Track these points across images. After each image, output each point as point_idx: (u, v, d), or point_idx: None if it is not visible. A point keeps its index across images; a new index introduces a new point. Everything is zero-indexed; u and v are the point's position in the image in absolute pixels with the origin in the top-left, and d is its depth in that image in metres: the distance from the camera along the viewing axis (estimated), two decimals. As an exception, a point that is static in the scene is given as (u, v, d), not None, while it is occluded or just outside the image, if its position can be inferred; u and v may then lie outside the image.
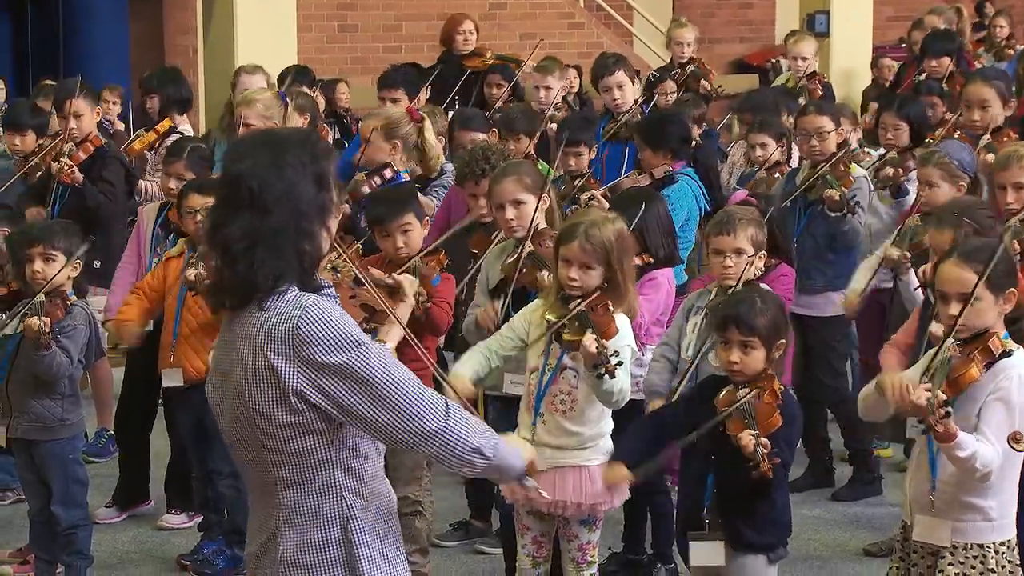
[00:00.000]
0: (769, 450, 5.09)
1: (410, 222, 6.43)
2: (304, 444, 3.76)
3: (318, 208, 3.80)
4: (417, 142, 7.96)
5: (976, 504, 4.97)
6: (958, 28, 13.27)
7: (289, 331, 3.69)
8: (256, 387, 3.73)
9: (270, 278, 3.73)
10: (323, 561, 3.79)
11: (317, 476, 3.78)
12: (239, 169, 3.81)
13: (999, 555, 4.98)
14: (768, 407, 5.22)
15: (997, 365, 4.93)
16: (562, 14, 16.29)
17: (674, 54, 12.01)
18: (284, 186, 3.75)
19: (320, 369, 3.68)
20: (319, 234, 3.81)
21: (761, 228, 6.36)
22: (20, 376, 6.51)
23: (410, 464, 6.30)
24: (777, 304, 5.53)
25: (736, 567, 5.38)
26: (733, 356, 5.32)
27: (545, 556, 5.84)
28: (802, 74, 11.44)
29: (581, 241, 5.56)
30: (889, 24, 17.73)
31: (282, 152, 3.81)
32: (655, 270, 6.63)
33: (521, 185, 6.36)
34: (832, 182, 7.77)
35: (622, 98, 9.59)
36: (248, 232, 3.73)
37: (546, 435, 5.65)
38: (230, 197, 3.80)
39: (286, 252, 3.74)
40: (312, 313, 3.70)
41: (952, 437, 4.76)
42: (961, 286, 4.98)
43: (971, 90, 8.21)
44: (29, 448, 6.60)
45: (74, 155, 8.61)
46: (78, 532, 6.59)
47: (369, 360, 3.70)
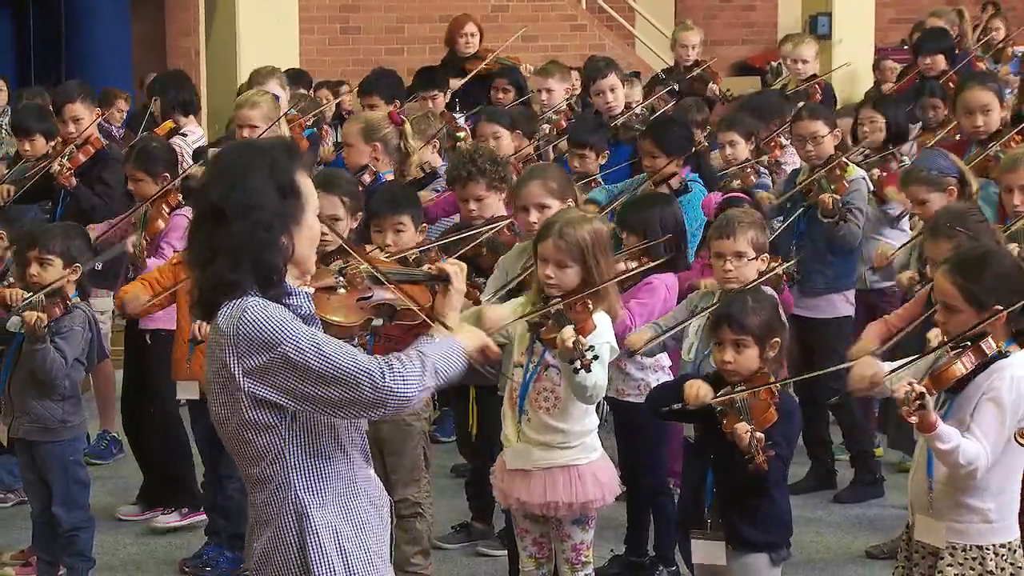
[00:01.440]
0: (763, 443, 5.13)
1: (404, 223, 6.47)
2: (260, 445, 3.87)
3: (280, 217, 3.86)
4: (399, 145, 7.97)
5: (974, 505, 4.96)
6: (960, 30, 13.26)
7: (232, 335, 3.80)
8: (216, 390, 3.88)
9: (226, 288, 3.84)
10: (282, 559, 3.89)
11: (275, 475, 3.88)
12: (204, 183, 3.97)
13: (998, 557, 4.97)
14: (763, 403, 5.28)
15: (992, 366, 4.92)
16: (564, 16, 16.30)
17: (679, 57, 12.02)
18: (243, 197, 3.83)
19: (264, 367, 3.78)
20: (279, 242, 3.87)
21: (762, 230, 6.37)
22: (21, 376, 6.53)
23: (408, 465, 6.32)
24: (771, 303, 5.59)
25: (738, 566, 5.40)
26: (727, 355, 5.39)
27: (548, 556, 5.85)
28: (803, 78, 11.44)
29: (555, 239, 5.60)
30: (891, 26, 17.72)
31: (244, 164, 3.90)
32: (655, 275, 6.63)
33: (546, 189, 6.44)
34: (825, 187, 7.77)
35: (615, 101, 9.62)
36: (208, 244, 3.86)
37: (531, 432, 5.68)
38: (197, 211, 3.95)
39: (243, 262, 3.83)
40: (249, 316, 3.80)
41: (931, 428, 4.76)
42: (943, 295, 5.01)
43: (970, 96, 8.19)
44: (30, 449, 6.62)
45: (74, 157, 8.61)
46: (79, 534, 6.60)
47: (300, 345, 3.78)
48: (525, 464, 5.68)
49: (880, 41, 16.28)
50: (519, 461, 5.70)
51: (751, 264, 6.24)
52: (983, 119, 8.08)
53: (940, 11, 13.54)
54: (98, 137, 8.88)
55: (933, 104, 9.71)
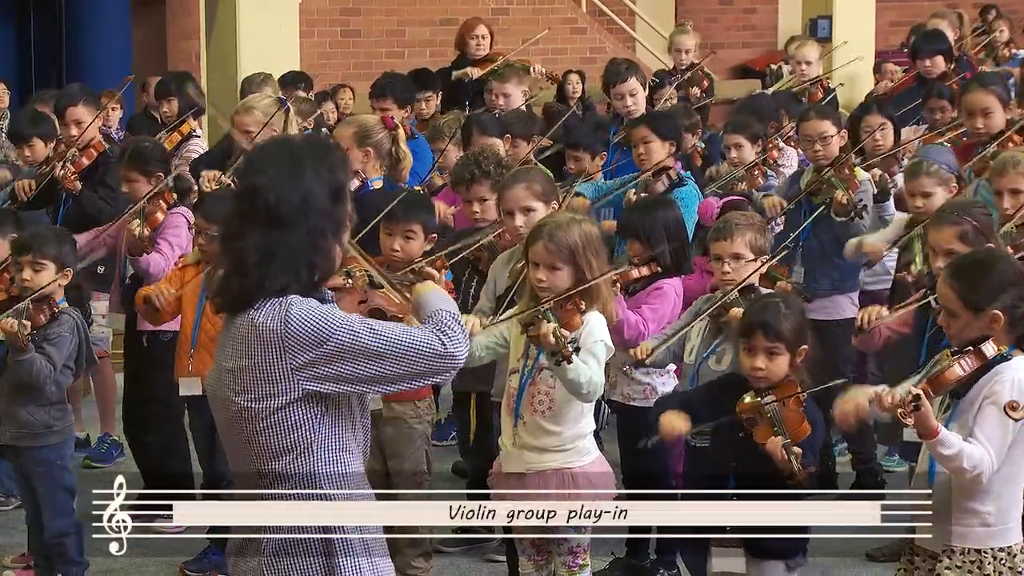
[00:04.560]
0: (801, 458, 5.08)
1: (414, 230, 6.48)
2: (292, 439, 3.86)
3: (334, 223, 3.88)
4: (391, 150, 7.97)
5: (974, 509, 4.95)
6: (960, 33, 13.26)
7: (281, 332, 3.78)
8: (250, 385, 3.83)
9: (276, 290, 3.82)
10: (303, 553, 3.88)
11: (300, 469, 3.87)
12: (256, 181, 3.87)
13: (997, 561, 4.96)
14: (796, 415, 5.22)
15: (994, 369, 4.91)
16: (564, 19, 16.30)
17: (675, 60, 12.03)
18: (300, 200, 3.81)
19: (320, 360, 3.78)
20: (332, 249, 3.88)
21: (761, 233, 6.37)
22: (7, 382, 6.52)
23: (410, 468, 6.31)
24: (799, 309, 5.54)
25: (755, 574, 5.38)
26: (758, 362, 5.33)
27: (546, 559, 5.84)
28: (807, 79, 11.45)
29: (545, 242, 5.62)
30: (892, 29, 17.72)
31: (299, 164, 3.86)
32: (662, 279, 6.63)
33: (531, 192, 6.49)
34: (839, 185, 7.76)
35: (634, 105, 9.60)
36: (262, 246, 3.81)
37: (527, 437, 5.68)
38: (246, 209, 3.86)
39: (298, 266, 3.83)
40: (297, 312, 3.80)
41: (933, 434, 4.75)
42: (943, 299, 5.03)
43: (971, 98, 8.21)
44: (19, 455, 6.62)
45: (77, 161, 8.59)
46: (66, 541, 6.58)
47: (353, 328, 3.81)
48: (519, 467, 5.68)
49: (881, 44, 16.28)
50: (514, 464, 5.71)
51: (749, 266, 6.24)
52: (983, 121, 8.10)
53: (941, 12, 13.54)
54: (100, 141, 8.87)
55: (941, 106, 9.68)
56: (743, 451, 5.24)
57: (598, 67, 10.66)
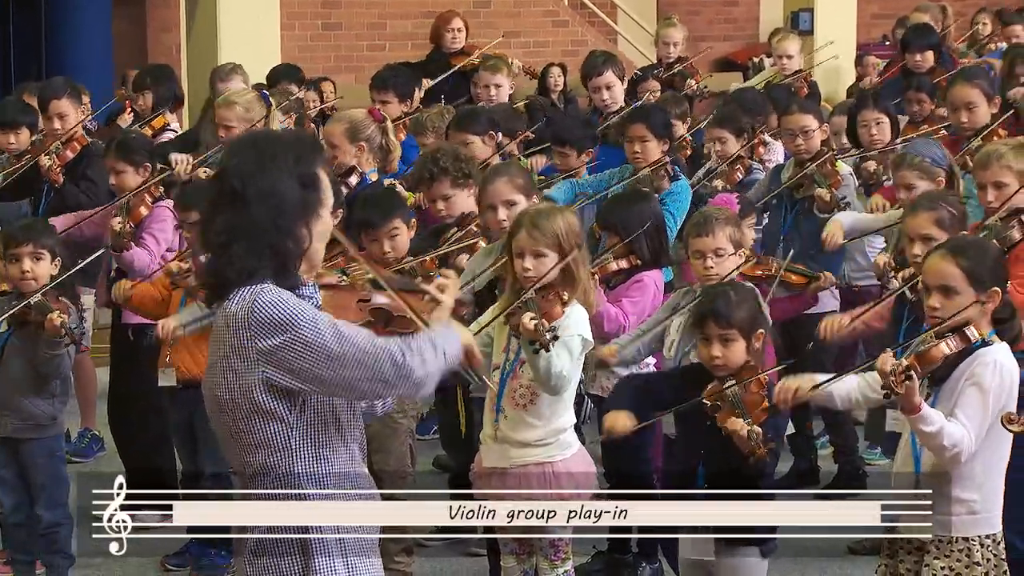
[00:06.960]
0: (762, 437, 5.17)
1: (398, 226, 6.49)
2: (267, 432, 3.86)
3: (301, 207, 3.88)
4: (382, 143, 7.95)
5: (960, 497, 4.97)
6: (943, 26, 13.27)
7: (245, 318, 3.79)
8: (223, 375, 3.85)
9: (243, 273, 3.84)
10: (280, 551, 3.87)
11: (278, 465, 3.87)
12: (226, 166, 3.95)
13: (984, 548, 5.00)
14: (756, 396, 5.31)
15: (976, 352, 4.96)
16: (546, 12, 16.27)
17: (661, 53, 12.00)
18: (266, 184, 3.85)
19: (280, 348, 3.78)
20: (299, 232, 3.87)
21: (738, 227, 6.40)
22: (10, 374, 6.49)
23: (394, 463, 6.31)
24: (752, 295, 5.62)
25: (728, 561, 5.41)
26: (714, 351, 5.41)
27: (528, 553, 5.84)
28: (789, 72, 11.46)
29: (529, 229, 5.62)
30: (874, 22, 17.73)
31: (269, 151, 3.90)
32: (643, 272, 6.62)
33: (513, 186, 6.46)
34: (821, 181, 7.76)
35: (611, 98, 9.58)
36: (226, 227, 3.86)
37: (508, 431, 5.67)
38: (216, 194, 3.93)
39: (261, 248, 3.84)
40: (264, 298, 3.80)
41: (916, 409, 4.79)
42: (941, 278, 5.01)
43: (955, 92, 8.21)
44: (17, 446, 6.58)
45: (60, 154, 8.57)
46: (59, 531, 6.58)
47: (318, 326, 3.79)
48: (500, 462, 5.67)
49: (863, 37, 16.29)
50: (494, 459, 5.70)
51: (731, 259, 6.26)
52: (967, 115, 8.09)
53: (924, 6, 13.55)
54: (83, 135, 8.85)
55: (919, 99, 9.71)
56: (710, 439, 5.30)
57: (580, 60, 10.62)
